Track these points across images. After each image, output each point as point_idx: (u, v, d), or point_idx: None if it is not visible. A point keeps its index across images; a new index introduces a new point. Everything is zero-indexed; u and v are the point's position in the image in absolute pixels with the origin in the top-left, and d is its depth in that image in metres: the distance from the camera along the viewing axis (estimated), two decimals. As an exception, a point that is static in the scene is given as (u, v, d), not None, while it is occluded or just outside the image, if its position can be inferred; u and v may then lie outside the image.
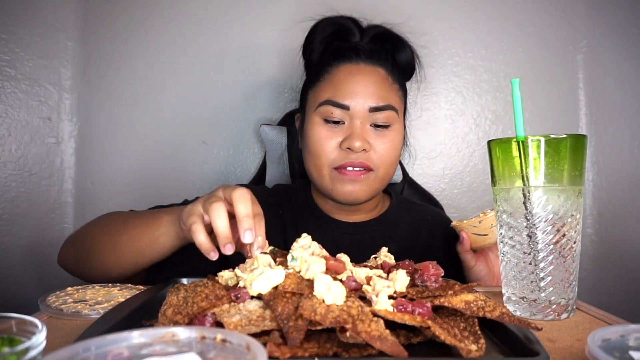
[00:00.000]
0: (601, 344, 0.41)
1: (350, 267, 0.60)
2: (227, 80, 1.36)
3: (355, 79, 0.94)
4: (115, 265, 0.84)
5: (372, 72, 0.95)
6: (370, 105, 0.92)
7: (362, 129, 0.92)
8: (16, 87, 1.29)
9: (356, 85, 0.93)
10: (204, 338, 0.38)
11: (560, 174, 0.60)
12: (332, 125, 0.93)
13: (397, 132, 0.95)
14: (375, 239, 0.99)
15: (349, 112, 0.92)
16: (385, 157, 0.94)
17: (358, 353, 0.44)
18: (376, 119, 0.93)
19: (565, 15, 1.37)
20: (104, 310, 0.60)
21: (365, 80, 0.94)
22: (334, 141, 0.93)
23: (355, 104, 0.92)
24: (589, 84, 1.37)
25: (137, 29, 1.35)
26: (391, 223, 1.03)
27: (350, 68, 0.95)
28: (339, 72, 0.95)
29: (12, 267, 1.28)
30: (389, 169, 0.96)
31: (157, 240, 0.80)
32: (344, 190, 0.92)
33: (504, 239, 0.63)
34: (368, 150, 0.92)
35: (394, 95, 0.96)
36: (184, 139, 1.36)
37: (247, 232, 0.64)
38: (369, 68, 0.95)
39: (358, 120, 0.92)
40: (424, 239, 1.03)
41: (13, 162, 1.29)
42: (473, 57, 1.38)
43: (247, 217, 0.65)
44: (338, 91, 0.93)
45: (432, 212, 1.11)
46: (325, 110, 0.93)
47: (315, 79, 0.99)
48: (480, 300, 0.52)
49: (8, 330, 0.41)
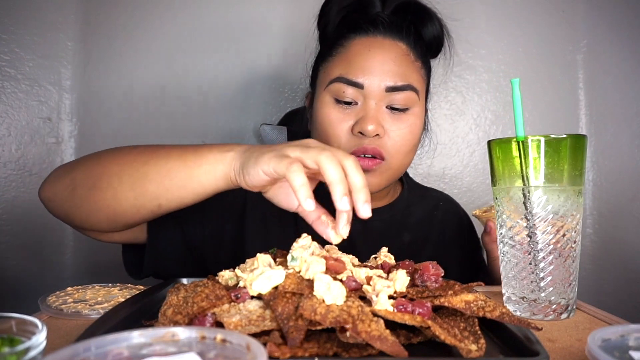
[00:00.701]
0: (601, 344, 0.41)
1: (350, 267, 0.60)
2: (227, 80, 1.36)
3: (371, 53, 0.83)
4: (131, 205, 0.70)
5: (391, 47, 0.84)
6: (387, 85, 0.81)
7: (376, 110, 0.82)
8: (16, 87, 1.29)
9: (372, 61, 0.82)
10: (204, 338, 0.38)
11: (560, 174, 0.60)
12: (343, 106, 0.83)
13: (416, 117, 0.85)
14: (388, 226, 0.94)
15: (363, 91, 0.82)
16: (401, 144, 0.84)
17: (358, 353, 0.44)
18: (393, 101, 0.82)
19: (565, 15, 1.38)
20: (104, 310, 0.60)
21: (383, 55, 0.83)
22: (345, 124, 0.83)
23: (370, 82, 0.81)
24: (589, 84, 1.37)
25: (137, 29, 1.35)
26: (404, 209, 0.97)
27: (366, 41, 0.85)
28: (353, 46, 0.85)
29: (12, 267, 1.28)
30: (405, 158, 0.86)
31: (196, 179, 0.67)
32: None
33: (504, 239, 0.63)
34: (382, 136, 0.82)
35: (415, 74, 0.85)
36: (184, 139, 1.36)
37: (342, 200, 0.56)
38: (388, 42, 0.84)
39: (372, 101, 0.82)
40: (438, 225, 0.98)
41: (13, 162, 1.29)
42: (473, 57, 1.38)
43: (338, 184, 0.57)
44: (351, 67, 0.83)
45: (443, 198, 1.06)
46: (336, 88, 0.83)
47: (327, 53, 0.89)
48: (480, 300, 0.52)
49: (8, 330, 0.41)
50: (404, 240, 0.94)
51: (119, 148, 0.75)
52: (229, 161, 0.66)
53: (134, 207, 0.70)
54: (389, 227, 0.94)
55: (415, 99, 0.84)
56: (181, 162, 0.68)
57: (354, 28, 0.87)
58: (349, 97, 0.83)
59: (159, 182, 0.68)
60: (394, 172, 0.86)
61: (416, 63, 0.86)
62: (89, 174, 0.72)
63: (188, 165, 0.67)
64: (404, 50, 0.85)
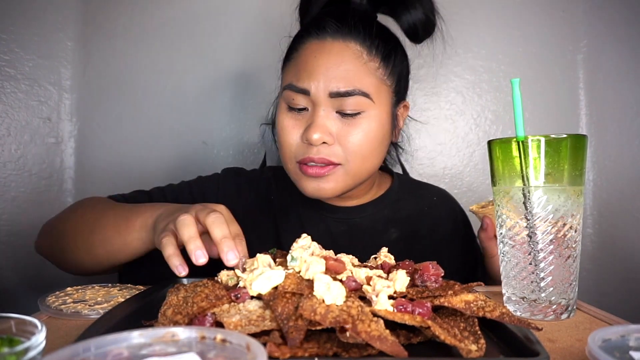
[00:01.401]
0: (601, 344, 0.41)
1: (350, 267, 0.60)
2: (227, 80, 1.36)
3: (317, 59, 0.80)
4: (91, 264, 0.82)
5: (340, 50, 0.81)
6: (331, 90, 0.79)
7: (324, 117, 0.80)
8: (16, 87, 1.28)
9: (317, 67, 0.80)
10: (204, 338, 0.38)
11: (561, 174, 0.60)
12: (296, 112, 0.82)
13: (370, 120, 0.81)
14: (374, 223, 0.93)
15: (310, 97, 0.80)
16: (355, 149, 0.81)
17: (358, 353, 0.44)
18: (342, 106, 0.80)
19: (565, 15, 1.37)
20: (103, 310, 0.60)
21: (328, 60, 0.80)
22: (296, 132, 0.82)
23: (315, 88, 0.79)
24: (589, 84, 1.37)
25: (137, 29, 1.35)
26: (392, 205, 0.95)
27: (315, 45, 0.82)
28: (304, 51, 0.83)
29: (12, 267, 1.28)
30: (363, 162, 0.83)
31: (130, 245, 0.76)
32: (309, 187, 0.83)
33: (504, 239, 0.63)
34: (331, 143, 0.80)
35: (367, 76, 0.81)
36: (184, 139, 1.36)
37: (229, 254, 0.60)
38: (337, 44, 0.81)
39: (320, 107, 0.80)
40: (430, 220, 0.96)
41: (13, 162, 1.29)
42: (473, 57, 1.38)
43: (225, 239, 0.61)
44: (299, 73, 0.81)
45: (437, 193, 1.03)
46: (287, 95, 0.82)
47: (286, 58, 0.88)
48: (480, 300, 0.52)
49: (8, 330, 0.41)
50: (392, 236, 0.93)
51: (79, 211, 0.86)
52: (151, 227, 0.73)
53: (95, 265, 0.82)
54: (375, 223, 0.93)
55: (366, 103, 0.81)
56: (116, 231, 0.77)
57: (306, 31, 0.85)
58: (299, 105, 0.82)
59: (103, 249, 0.79)
60: (353, 177, 0.84)
61: (371, 64, 0.82)
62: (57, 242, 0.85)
63: (121, 234, 0.76)
64: (354, 52, 0.81)
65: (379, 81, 0.83)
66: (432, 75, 1.37)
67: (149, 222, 0.73)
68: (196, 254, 0.60)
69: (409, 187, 1.01)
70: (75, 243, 0.82)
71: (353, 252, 0.68)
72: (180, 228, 0.63)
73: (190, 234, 0.62)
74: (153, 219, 0.73)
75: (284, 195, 0.96)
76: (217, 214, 0.64)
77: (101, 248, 0.79)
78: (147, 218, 0.74)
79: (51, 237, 0.87)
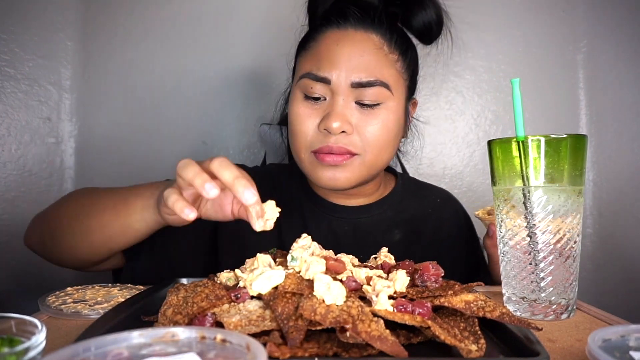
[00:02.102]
0: (601, 344, 0.41)
1: (350, 267, 0.60)
2: (227, 80, 1.36)
3: (339, 48, 0.80)
4: (87, 251, 0.77)
5: (362, 40, 0.81)
6: (353, 80, 0.79)
7: (344, 107, 0.79)
8: (16, 87, 1.28)
9: (339, 56, 0.80)
10: (204, 338, 0.38)
11: (561, 174, 0.60)
12: (312, 101, 0.82)
13: (389, 111, 0.82)
14: (377, 223, 0.92)
15: (330, 86, 0.80)
16: (373, 140, 0.81)
17: (358, 353, 0.44)
18: (362, 96, 0.80)
19: (565, 15, 1.37)
20: (104, 310, 0.60)
21: (350, 49, 0.80)
22: (313, 120, 0.81)
23: (337, 77, 0.79)
24: (589, 84, 1.37)
25: (137, 29, 1.35)
26: (395, 206, 0.95)
27: (336, 35, 0.82)
28: (324, 40, 0.83)
29: (12, 267, 1.28)
30: (380, 154, 0.83)
31: (131, 227, 0.73)
32: (324, 176, 0.81)
33: (504, 239, 0.63)
34: (350, 133, 0.80)
35: (388, 68, 0.82)
36: (184, 139, 1.36)
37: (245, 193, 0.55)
38: (359, 35, 0.82)
39: (340, 96, 0.80)
40: (433, 222, 0.96)
41: (13, 162, 1.29)
42: (473, 57, 1.38)
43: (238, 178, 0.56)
44: (320, 62, 0.81)
45: (441, 195, 1.03)
46: (305, 84, 0.82)
47: (302, 47, 0.87)
48: (480, 300, 0.52)
49: (8, 330, 0.41)
50: (395, 237, 0.92)
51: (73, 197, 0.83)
52: (153, 206, 0.70)
53: (91, 253, 0.78)
54: (379, 224, 0.93)
55: (386, 94, 0.81)
56: (115, 214, 0.74)
57: (325, 20, 0.85)
58: (317, 93, 0.81)
59: (101, 233, 0.75)
60: (368, 169, 0.83)
61: (391, 56, 0.83)
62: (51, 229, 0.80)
63: (121, 216, 0.73)
64: (376, 43, 0.82)
65: (398, 74, 0.84)
66: (432, 75, 1.38)
67: (151, 202, 0.70)
68: (206, 187, 0.55)
69: (412, 188, 1.01)
70: (70, 229, 0.78)
71: (356, 252, 0.68)
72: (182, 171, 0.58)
73: (195, 171, 0.57)
74: (155, 197, 0.70)
75: (287, 192, 0.95)
76: (221, 157, 0.60)
77: (99, 233, 0.75)
78: (148, 198, 0.71)
79: (42, 226, 0.82)
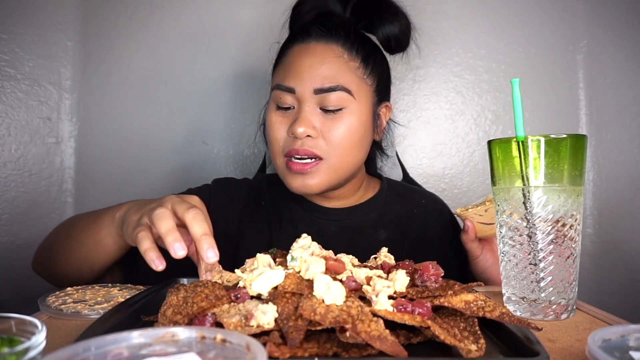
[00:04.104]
0: (601, 344, 0.41)
1: (350, 267, 0.60)
2: (227, 80, 1.36)
3: (302, 59, 0.88)
4: (74, 272, 0.83)
5: (322, 51, 0.88)
6: (315, 87, 0.85)
7: (309, 113, 0.85)
8: (16, 87, 1.28)
9: (302, 67, 0.87)
10: (204, 338, 0.38)
11: (560, 174, 0.60)
12: (283, 111, 0.88)
13: (352, 115, 0.87)
14: (363, 224, 0.96)
15: (296, 95, 0.86)
16: (337, 143, 0.86)
17: (358, 353, 0.44)
18: (325, 102, 0.85)
19: (565, 15, 1.37)
20: (103, 310, 0.60)
21: (312, 60, 0.87)
22: (283, 128, 0.88)
23: (301, 86, 0.86)
24: (589, 84, 1.37)
25: (137, 29, 1.35)
26: (381, 208, 0.99)
27: (300, 49, 0.90)
28: (291, 54, 0.90)
29: (12, 267, 1.28)
30: (345, 156, 0.87)
31: (101, 243, 0.78)
32: (295, 183, 0.87)
33: (504, 239, 0.63)
34: (315, 137, 0.85)
35: (349, 74, 0.87)
36: (184, 139, 1.36)
37: (209, 251, 0.60)
38: (320, 46, 0.88)
39: (305, 104, 0.86)
40: (418, 224, 0.99)
41: (13, 162, 1.29)
42: (473, 57, 1.38)
43: (206, 236, 0.61)
44: (286, 74, 0.88)
45: (427, 197, 1.06)
46: (276, 95, 0.89)
47: (275, 62, 0.95)
48: (480, 300, 0.52)
49: (8, 330, 0.41)
50: (380, 238, 0.95)
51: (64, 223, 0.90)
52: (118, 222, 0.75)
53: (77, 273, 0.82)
54: (364, 225, 0.96)
55: (348, 99, 0.86)
56: (87, 232, 0.79)
57: (293, 37, 0.93)
58: (286, 103, 0.88)
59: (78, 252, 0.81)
60: (335, 172, 0.88)
61: (352, 63, 0.88)
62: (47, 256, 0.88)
63: (91, 234, 0.78)
64: (336, 52, 0.88)
65: (360, 79, 0.89)
66: (432, 75, 1.37)
67: (117, 215, 0.75)
68: (175, 247, 0.60)
69: (398, 191, 1.04)
70: (57, 253, 0.85)
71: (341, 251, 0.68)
72: (157, 221, 0.62)
73: (168, 226, 0.61)
74: (122, 212, 0.74)
75: (275, 200, 1.00)
76: (196, 209, 0.64)
77: (76, 252, 0.81)
78: (114, 212, 0.76)
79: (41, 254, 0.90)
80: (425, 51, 1.35)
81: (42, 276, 0.91)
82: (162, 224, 0.62)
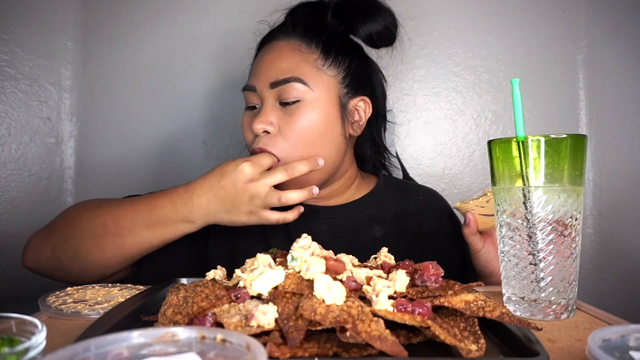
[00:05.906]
0: (601, 344, 0.41)
1: (350, 267, 0.60)
2: (227, 80, 1.36)
3: (261, 57, 0.90)
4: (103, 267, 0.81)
5: (280, 47, 0.89)
6: (270, 81, 0.85)
7: (269, 108, 0.85)
8: (16, 87, 1.28)
9: (262, 64, 0.88)
10: (204, 338, 0.38)
11: (560, 174, 0.60)
12: (251, 111, 0.90)
13: (310, 107, 0.84)
14: (356, 222, 0.95)
15: (257, 93, 0.87)
16: (295, 138, 0.83)
17: (358, 353, 0.44)
18: (281, 95, 0.85)
19: (565, 15, 1.37)
20: (104, 310, 0.60)
21: (270, 56, 0.88)
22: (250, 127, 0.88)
23: (260, 83, 0.86)
24: (589, 84, 1.37)
25: (137, 29, 1.35)
26: (376, 205, 0.97)
27: (264, 49, 0.92)
28: (257, 56, 0.93)
29: (12, 267, 1.28)
30: (307, 151, 0.84)
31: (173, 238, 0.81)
32: None
33: (504, 239, 0.63)
34: (274, 133, 0.84)
35: (304, 65, 0.86)
36: (184, 139, 1.36)
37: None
38: (280, 43, 0.89)
39: (266, 100, 0.86)
40: (415, 220, 0.98)
41: (13, 162, 1.29)
42: (473, 57, 1.38)
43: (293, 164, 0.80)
44: (250, 74, 0.91)
45: (424, 192, 1.05)
46: (244, 96, 0.91)
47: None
48: (480, 300, 0.52)
49: (8, 330, 0.41)
50: (376, 235, 0.94)
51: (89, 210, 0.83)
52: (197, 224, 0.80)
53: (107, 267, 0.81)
54: (358, 222, 0.95)
55: (303, 89, 0.84)
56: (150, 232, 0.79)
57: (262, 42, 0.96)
58: (252, 102, 0.89)
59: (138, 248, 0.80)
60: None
61: (309, 55, 0.87)
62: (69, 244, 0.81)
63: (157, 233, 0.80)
64: (293, 46, 0.88)
65: (317, 70, 0.87)
66: (432, 75, 1.37)
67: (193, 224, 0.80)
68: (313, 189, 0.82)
69: (394, 188, 1.02)
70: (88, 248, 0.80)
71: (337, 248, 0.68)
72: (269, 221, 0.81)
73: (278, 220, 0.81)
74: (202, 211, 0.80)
75: None
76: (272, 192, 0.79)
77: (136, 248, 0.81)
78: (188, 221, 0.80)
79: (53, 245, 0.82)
80: (425, 51, 1.35)
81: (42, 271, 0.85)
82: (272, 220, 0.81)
